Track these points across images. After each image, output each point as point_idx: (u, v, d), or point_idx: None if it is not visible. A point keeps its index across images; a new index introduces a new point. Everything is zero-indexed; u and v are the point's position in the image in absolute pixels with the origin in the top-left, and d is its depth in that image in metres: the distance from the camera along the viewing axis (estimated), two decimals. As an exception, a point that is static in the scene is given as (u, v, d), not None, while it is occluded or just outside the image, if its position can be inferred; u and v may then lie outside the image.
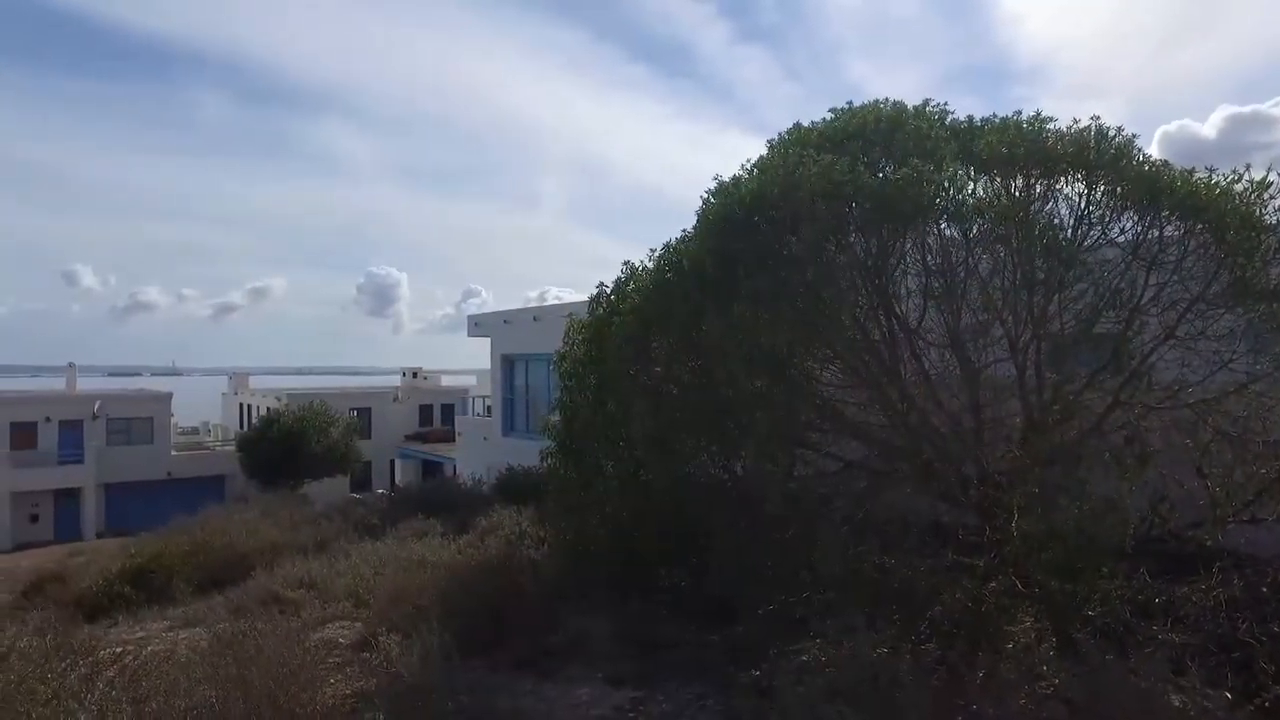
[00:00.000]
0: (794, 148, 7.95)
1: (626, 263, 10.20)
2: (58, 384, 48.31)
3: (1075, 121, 6.76)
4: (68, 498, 39.34)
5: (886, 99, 8.23)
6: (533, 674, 7.68)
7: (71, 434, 40.26)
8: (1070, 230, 6.46)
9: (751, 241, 7.60)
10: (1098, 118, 6.64)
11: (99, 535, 36.35)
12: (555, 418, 11.14)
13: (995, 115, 7.40)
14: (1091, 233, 6.50)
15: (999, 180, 6.66)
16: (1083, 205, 6.49)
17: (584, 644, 8.01)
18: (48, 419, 40.17)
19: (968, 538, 6.44)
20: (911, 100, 8.19)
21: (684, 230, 9.29)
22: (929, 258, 6.96)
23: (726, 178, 8.88)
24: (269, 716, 5.41)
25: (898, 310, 7.52)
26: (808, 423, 8.13)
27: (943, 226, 6.96)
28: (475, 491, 19.08)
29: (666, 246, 8.89)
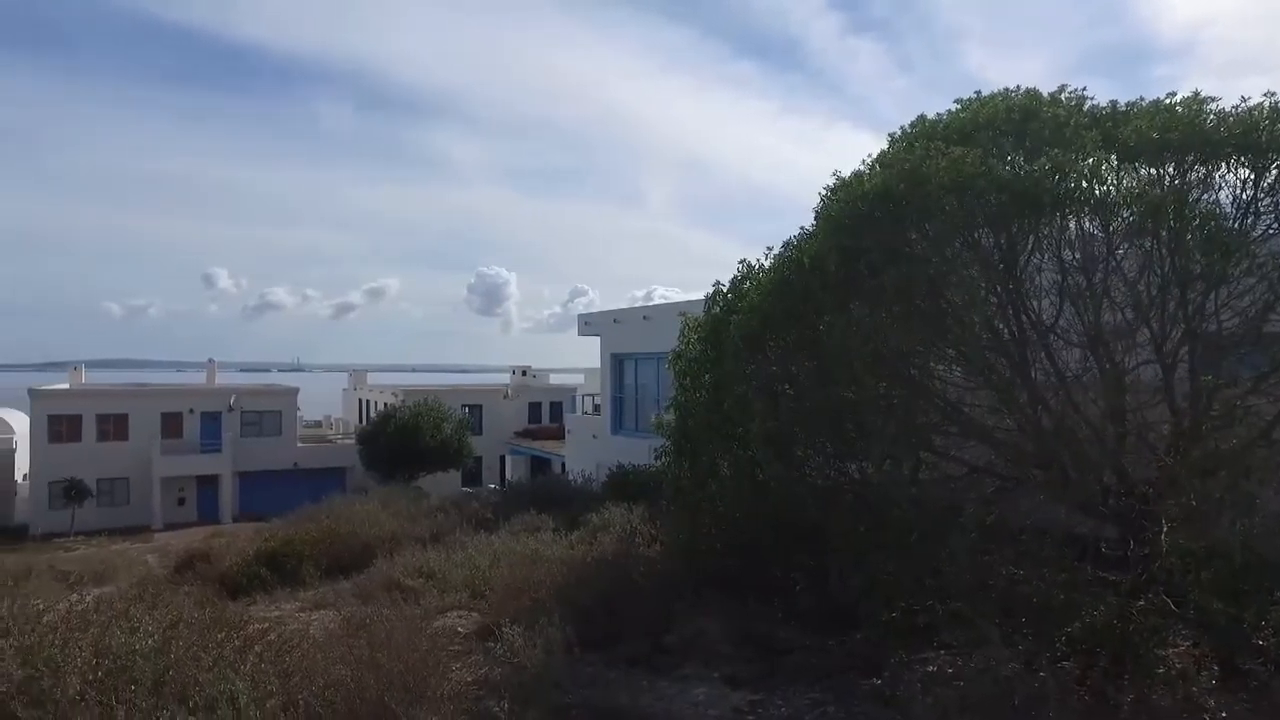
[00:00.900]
0: (919, 141, 7.69)
1: (743, 261, 10.13)
2: (198, 378, 51.83)
3: (1243, 100, 6.21)
4: (208, 483, 42.13)
5: (1018, 86, 7.86)
6: (648, 671, 7.70)
7: (211, 425, 43.11)
8: (1234, 220, 5.96)
9: (875, 238, 7.40)
10: (1273, 93, 6.06)
11: (234, 519, 38.77)
12: (669, 416, 11.15)
13: (1142, 98, 6.92)
14: (1260, 222, 5.98)
15: (1149, 169, 6.22)
16: (1249, 193, 5.98)
17: (699, 643, 7.98)
18: (191, 411, 43.15)
19: (1109, 551, 6.07)
20: (1045, 87, 7.78)
21: (802, 228, 9.15)
22: (1067, 253, 6.59)
23: (846, 174, 8.71)
24: (400, 698, 5.61)
25: (1030, 308, 7.16)
26: (931, 425, 7.85)
27: (1083, 220, 6.57)
28: (585, 488, 19.33)
29: (786, 244, 8.76)
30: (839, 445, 8.40)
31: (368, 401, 51.33)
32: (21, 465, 42.91)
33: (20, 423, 45.63)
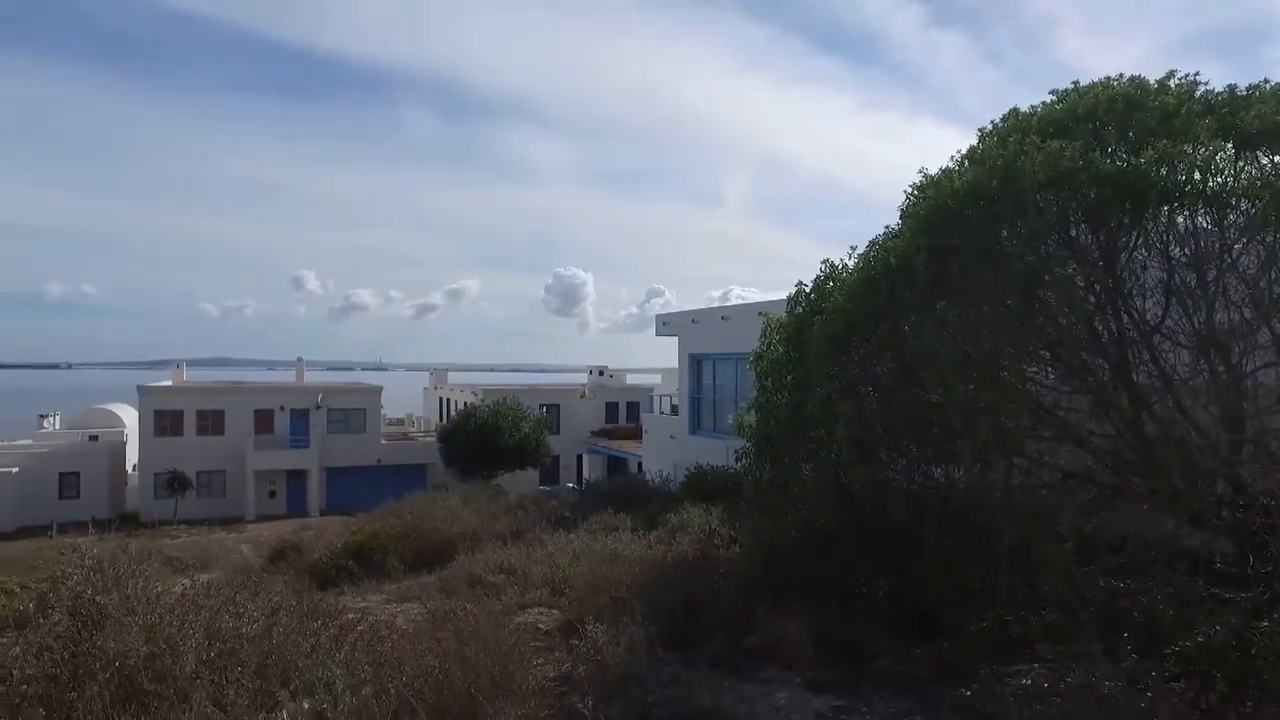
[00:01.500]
0: (1012, 136, 7.45)
1: (825, 261, 9.99)
2: (288, 377, 53.92)
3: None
4: (297, 478, 43.78)
5: (1120, 74, 7.51)
6: (729, 673, 7.64)
7: (300, 422, 44.82)
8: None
9: (965, 237, 7.20)
10: None
11: (321, 513, 40.18)
12: (749, 417, 11.07)
13: (1266, 80, 6.49)
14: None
15: (1272, 157, 5.85)
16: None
17: (780, 646, 7.88)
18: (282, 408, 44.94)
19: (1224, 567, 5.74)
20: (1149, 74, 7.41)
21: (887, 226, 8.98)
22: (1175, 248, 6.27)
23: (933, 171, 8.50)
24: (486, 691, 5.71)
25: (1133, 307, 6.86)
26: (1023, 429, 7.59)
27: (1194, 214, 6.24)
28: (662, 489, 19.34)
29: (871, 244, 8.60)
30: (925, 448, 8.21)
31: (448, 400, 52.53)
32: (131, 457, 45.47)
33: (130, 418, 48.36)
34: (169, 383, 48.43)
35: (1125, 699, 4.87)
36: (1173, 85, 7.01)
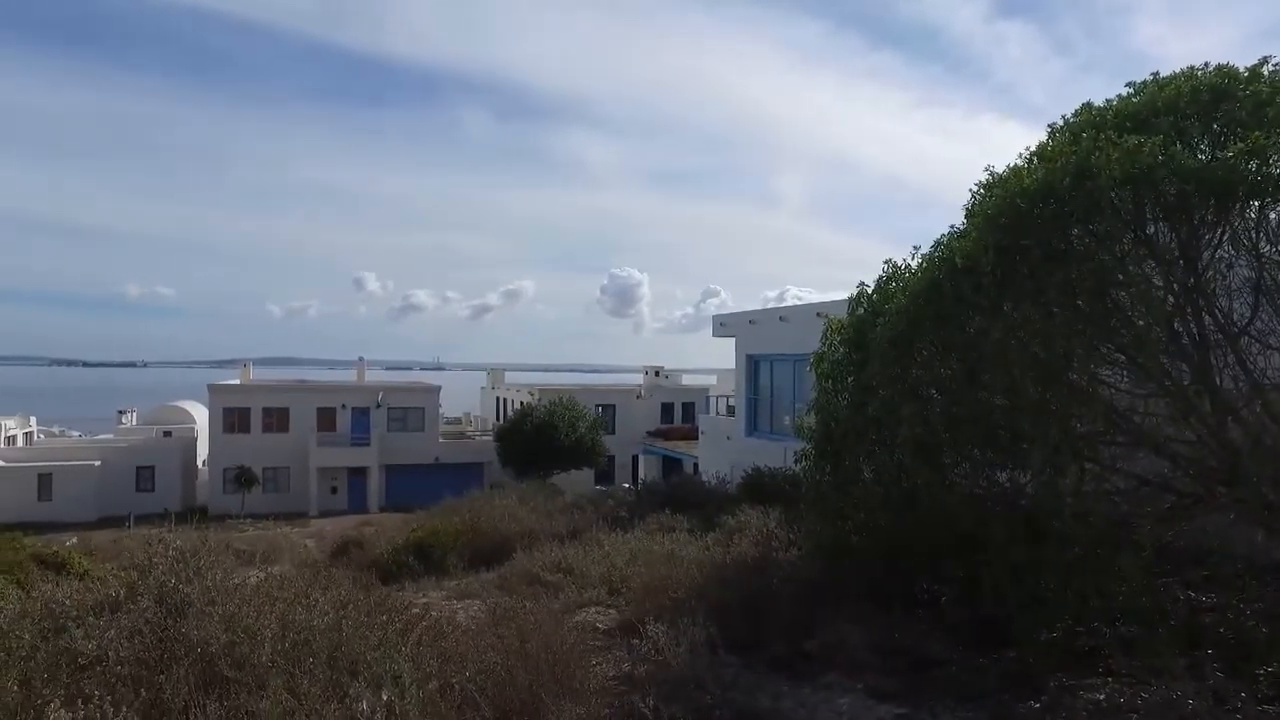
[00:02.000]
0: (1086, 131, 7.23)
1: (888, 261, 9.83)
2: (349, 376, 55.21)
3: None
4: (357, 475, 44.78)
5: (1205, 64, 7.21)
6: (789, 676, 7.57)
7: (361, 420, 45.84)
8: None
9: (1035, 237, 7.02)
10: None
11: (381, 509, 41.02)
12: (809, 419, 10.95)
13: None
14: None
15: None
16: None
17: (841, 651, 7.78)
18: (343, 406, 46.02)
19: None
20: (1237, 61, 7.08)
21: (952, 226, 8.81)
22: (1266, 246, 6.01)
23: (1000, 169, 8.30)
24: (549, 688, 5.75)
25: (1217, 308, 6.59)
26: (1095, 434, 7.36)
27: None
28: (719, 490, 19.26)
29: (936, 244, 8.44)
30: (991, 453, 8.02)
31: (505, 400, 53.15)
32: (201, 452, 47.10)
33: (201, 414, 50.11)
34: (237, 381, 49.95)
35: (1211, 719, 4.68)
36: (1265, 73, 6.70)
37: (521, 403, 44.64)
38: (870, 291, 9.88)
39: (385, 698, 4.34)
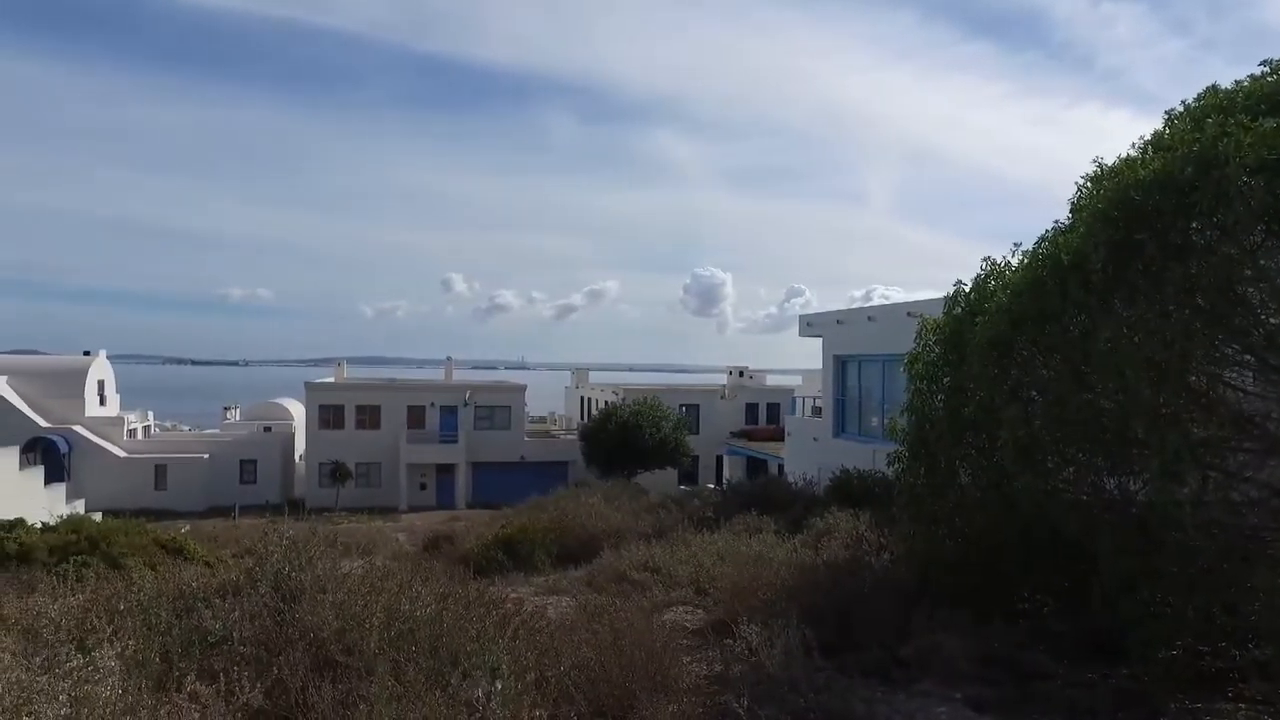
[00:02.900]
0: (1211, 116, 6.83)
1: (986, 259, 9.53)
2: (436, 375, 56.66)
3: None
4: (445, 471, 45.92)
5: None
6: (883, 682, 7.41)
7: (449, 418, 46.97)
8: None
9: (1151, 231, 6.67)
10: None
11: (467, 505, 41.94)
12: (903, 421, 10.71)
13: None
14: None
15: None
16: None
17: (937, 659, 7.57)
18: (432, 404, 47.25)
19: None
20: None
21: (1056, 221, 8.47)
22: None
23: (1110, 161, 7.94)
24: (643, 685, 5.78)
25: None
26: (1218, 440, 6.95)
27: None
28: (806, 491, 19.02)
29: (1040, 240, 8.14)
30: (1099, 458, 7.67)
31: (589, 399, 53.65)
32: (299, 447, 49.13)
33: (298, 411, 52.29)
34: (332, 380, 51.85)
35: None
36: None
37: (606, 402, 44.98)
38: (968, 290, 9.59)
39: (499, 686, 4.43)
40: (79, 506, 25.22)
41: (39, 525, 16.24)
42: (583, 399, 55.69)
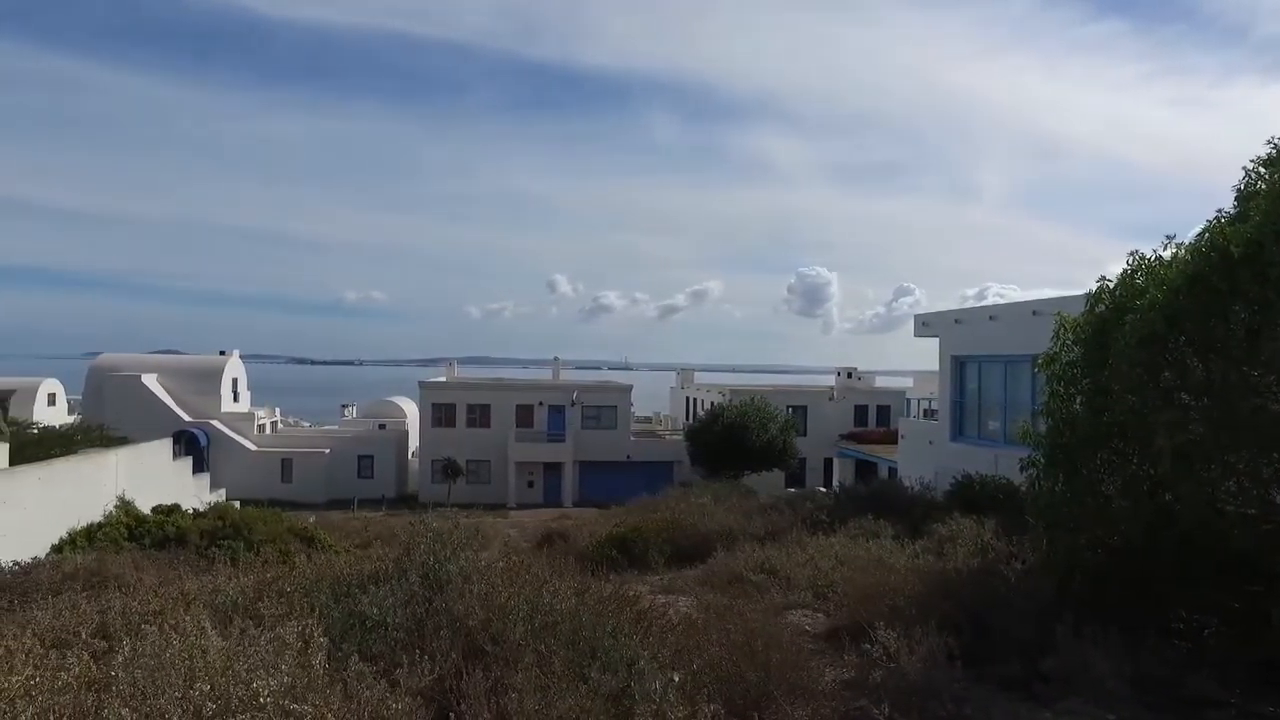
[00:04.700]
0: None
1: (1134, 252, 8.98)
2: (541, 374, 57.70)
3: None
4: (553, 470, 46.72)
5: None
6: (1024, 697, 7.08)
7: (556, 417, 47.77)
8: None
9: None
10: None
11: (574, 504, 42.54)
12: (1030, 424, 10.23)
13: None
14: None
15: None
16: None
17: (1085, 677, 7.17)
18: (540, 404, 48.17)
19: None
20: None
21: (1219, 211, 7.90)
22: None
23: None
24: (780, 688, 5.70)
25: None
26: None
27: None
28: (923, 496, 18.45)
29: (1203, 231, 7.61)
30: (1270, 467, 7.10)
31: (694, 399, 53.59)
32: (411, 444, 51.03)
33: (410, 409, 54.30)
34: (444, 379, 53.55)
35: None
36: None
37: (712, 403, 44.81)
38: (1112, 286, 9.05)
39: (675, 678, 4.46)
40: (221, 495, 26.92)
41: (190, 511, 17.46)
42: (688, 399, 55.66)
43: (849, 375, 49.94)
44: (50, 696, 3.31)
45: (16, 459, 16.47)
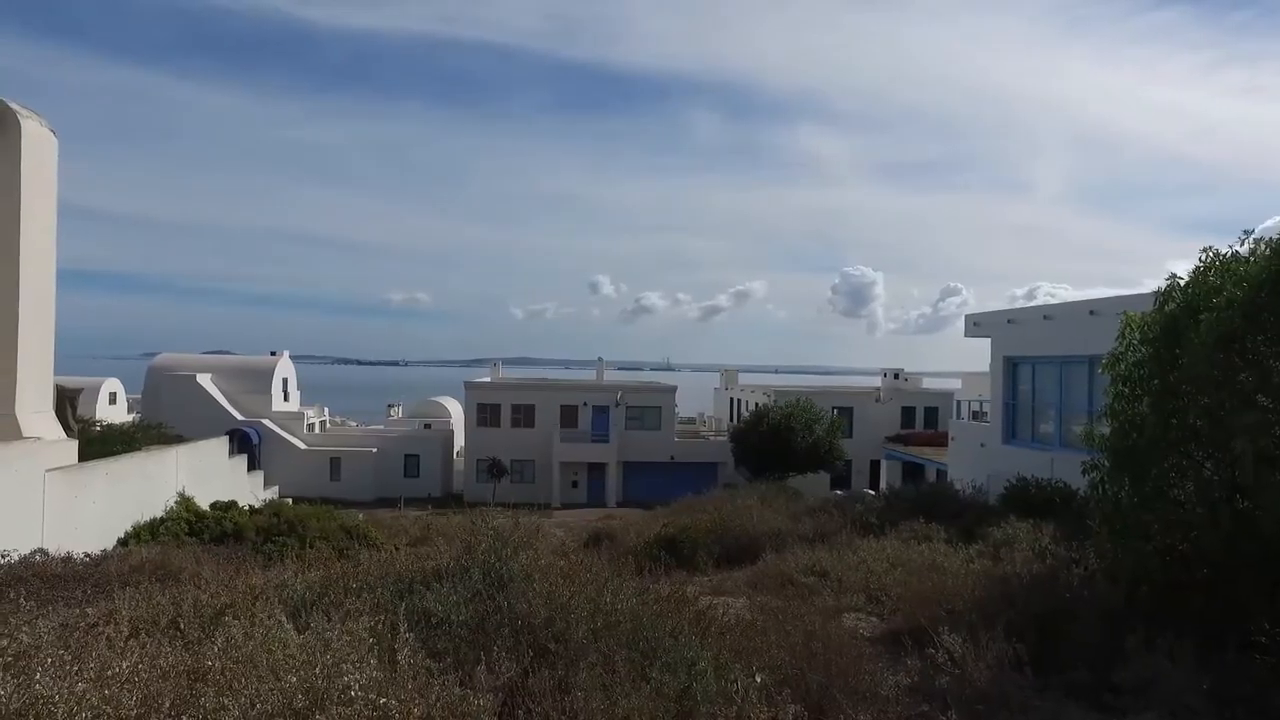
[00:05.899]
0: None
1: (1207, 249, 8.67)
2: (583, 375, 57.80)
3: None
4: (596, 470, 46.81)
5: None
6: (1093, 707, 6.87)
7: (600, 417, 47.85)
8: None
9: None
10: None
11: (618, 504, 42.56)
12: (1096, 428, 9.93)
13: None
14: None
15: None
16: None
17: (1159, 689, 6.93)
18: (584, 404, 48.30)
19: None
20: None
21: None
22: None
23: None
24: (842, 691, 5.60)
25: None
26: None
27: None
28: (975, 499, 18.10)
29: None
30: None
31: (738, 400, 53.29)
32: (456, 443, 51.53)
33: (455, 409, 54.85)
34: (488, 379, 53.97)
35: None
36: None
37: (756, 404, 44.48)
38: (1184, 284, 8.76)
39: (759, 679, 4.41)
40: (274, 492, 27.47)
41: (246, 508, 17.86)
42: (732, 400, 55.36)
43: (895, 376, 49.19)
44: (153, 683, 3.38)
45: (83, 456, 17.00)
